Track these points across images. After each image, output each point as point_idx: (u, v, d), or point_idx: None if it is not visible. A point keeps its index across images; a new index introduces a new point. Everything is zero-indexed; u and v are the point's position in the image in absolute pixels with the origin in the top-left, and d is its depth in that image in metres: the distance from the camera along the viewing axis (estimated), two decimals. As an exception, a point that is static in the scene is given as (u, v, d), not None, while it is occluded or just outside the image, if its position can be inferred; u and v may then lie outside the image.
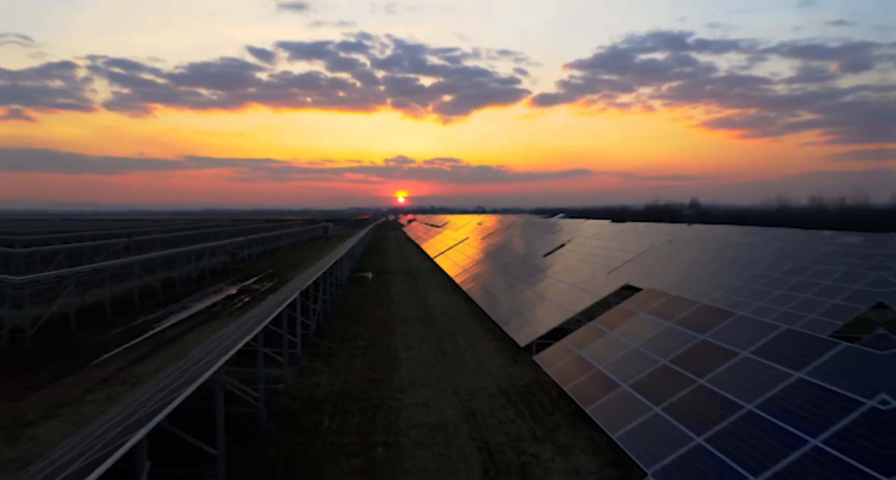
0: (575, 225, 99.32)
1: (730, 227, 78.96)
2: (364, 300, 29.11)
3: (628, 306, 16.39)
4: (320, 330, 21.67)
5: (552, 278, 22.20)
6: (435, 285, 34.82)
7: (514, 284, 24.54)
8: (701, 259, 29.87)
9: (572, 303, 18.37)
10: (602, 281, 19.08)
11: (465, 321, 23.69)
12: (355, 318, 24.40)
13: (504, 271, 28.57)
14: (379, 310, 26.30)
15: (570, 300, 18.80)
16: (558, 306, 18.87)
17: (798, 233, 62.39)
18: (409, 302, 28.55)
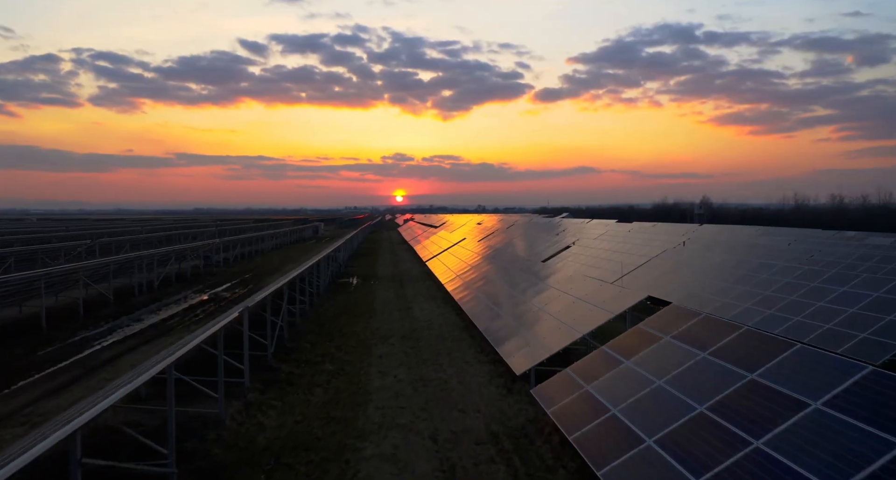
0: (580, 225, 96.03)
1: (744, 227, 75.64)
2: (343, 312, 25.95)
3: (649, 327, 13.19)
4: (283, 350, 18.52)
5: (555, 288, 19.00)
6: (424, 293, 31.65)
7: (512, 294, 21.35)
8: (723, 265, 26.63)
9: (579, 321, 15.16)
10: (612, 294, 15.86)
11: (454, 337, 20.52)
12: (328, 334, 21.24)
13: (501, 278, 25.38)
14: (358, 324, 23.14)
15: (575, 316, 15.60)
16: (562, 323, 15.67)
17: (819, 233, 59.11)
18: (393, 314, 25.38)
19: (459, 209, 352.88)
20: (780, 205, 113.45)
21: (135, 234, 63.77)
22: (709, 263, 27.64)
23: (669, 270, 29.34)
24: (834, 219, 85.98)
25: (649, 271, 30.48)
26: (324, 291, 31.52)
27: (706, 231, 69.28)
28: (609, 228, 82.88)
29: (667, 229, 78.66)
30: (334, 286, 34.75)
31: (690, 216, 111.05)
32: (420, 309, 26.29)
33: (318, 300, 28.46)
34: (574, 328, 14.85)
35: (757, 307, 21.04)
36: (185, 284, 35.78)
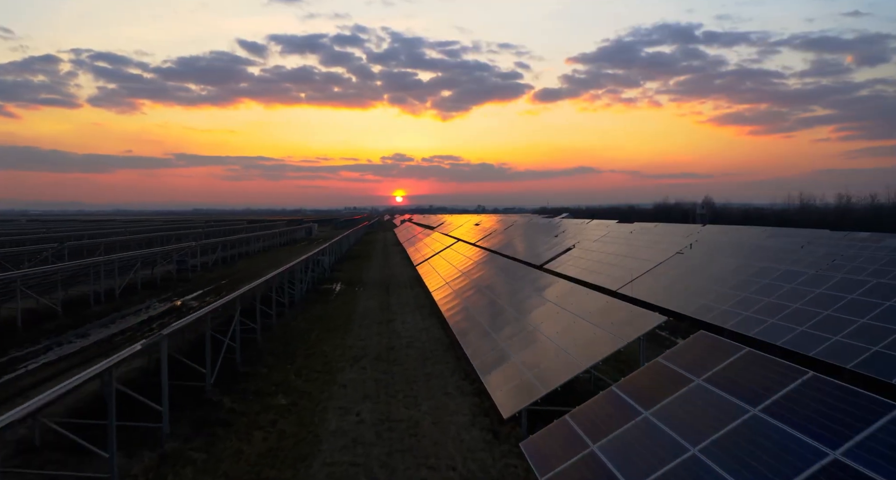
0: (580, 226, 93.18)
1: (749, 227, 72.87)
2: (317, 325, 23.09)
3: (673, 363, 10.35)
4: (232, 377, 15.67)
5: (554, 303, 16.14)
6: (411, 302, 28.80)
7: (504, 308, 18.49)
8: (740, 271, 23.76)
9: (581, 347, 12.30)
10: (623, 316, 12.97)
11: (436, 358, 17.66)
12: (292, 354, 18.39)
13: (493, 287, 22.52)
14: (329, 340, 20.28)
15: (577, 341, 12.74)
16: (560, 349, 12.81)
17: (830, 235, 56.27)
18: (371, 327, 22.52)
19: (459, 210, 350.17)
20: (785, 205, 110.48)
21: (114, 236, 60.90)
22: (722, 269, 24.77)
23: (679, 276, 26.49)
24: (840, 219, 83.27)
25: (657, 278, 27.62)
26: (300, 300, 28.67)
27: (711, 232, 66.46)
28: (610, 229, 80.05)
29: (670, 229, 75.85)
30: (314, 294, 31.90)
31: (693, 217, 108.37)
32: (403, 322, 23.43)
33: (290, 311, 25.61)
34: (575, 357, 11.98)
35: (793, 324, 18.14)
36: (151, 292, 32.91)
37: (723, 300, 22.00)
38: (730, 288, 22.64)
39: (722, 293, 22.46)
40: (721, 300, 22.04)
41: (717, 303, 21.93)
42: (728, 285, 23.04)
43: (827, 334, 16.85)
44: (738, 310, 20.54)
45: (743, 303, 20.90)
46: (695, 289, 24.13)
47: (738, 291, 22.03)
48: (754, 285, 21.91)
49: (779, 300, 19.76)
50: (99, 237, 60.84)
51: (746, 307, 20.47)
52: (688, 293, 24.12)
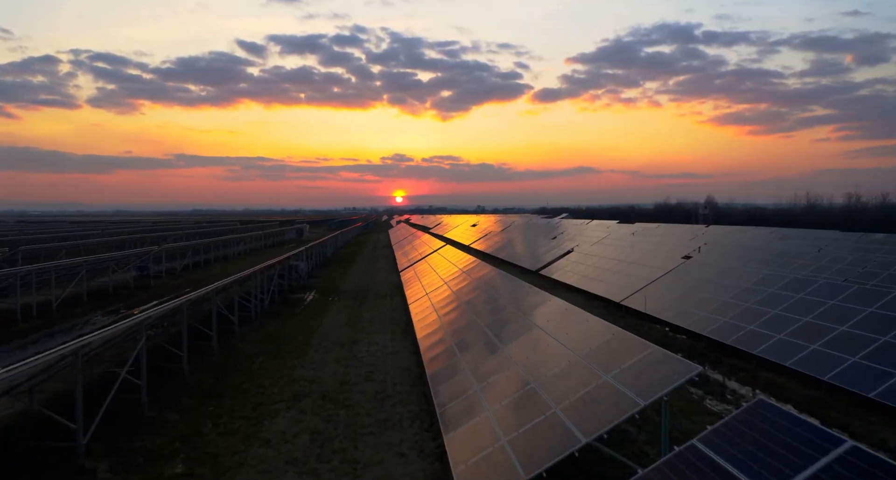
0: (579, 227, 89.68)
1: (756, 228, 69.44)
2: (266, 347, 19.56)
3: (721, 455, 6.78)
4: (130, 425, 12.15)
5: (546, 331, 12.61)
6: (386, 317, 25.27)
7: (484, 334, 14.94)
8: (765, 282, 20.20)
9: (580, 410, 8.76)
10: (639, 361, 9.42)
11: (397, 397, 14.14)
12: (220, 390, 14.86)
13: (475, 304, 18.97)
14: (273, 370, 16.75)
15: (575, 398, 9.20)
16: (548, 406, 9.28)
17: (844, 236, 52.83)
18: (330, 352, 18.99)
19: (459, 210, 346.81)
20: (790, 204, 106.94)
21: (89, 238, 57.35)
22: (741, 278, 21.20)
23: (692, 287, 22.95)
24: (847, 219, 79.86)
25: (666, 289, 24.07)
26: (258, 314, 25.14)
27: (717, 234, 63.00)
28: (611, 230, 76.55)
29: (672, 231, 72.38)
30: (280, 305, 28.36)
31: (695, 217, 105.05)
32: (369, 344, 19.89)
33: (242, 330, 22.07)
34: (571, 422, 8.45)
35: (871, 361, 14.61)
36: (100, 303, 29.39)
37: (747, 317, 18.46)
38: (755, 303, 19.09)
39: (747, 310, 18.91)
40: (746, 317, 18.50)
41: (741, 321, 18.39)
42: (752, 298, 19.50)
43: None
44: (770, 332, 17.01)
45: (775, 323, 17.35)
46: (712, 303, 20.59)
47: (767, 306, 18.48)
48: (785, 299, 18.36)
49: (823, 322, 16.21)
50: (72, 239, 57.38)
51: (779, 328, 16.93)
52: (704, 308, 20.59)
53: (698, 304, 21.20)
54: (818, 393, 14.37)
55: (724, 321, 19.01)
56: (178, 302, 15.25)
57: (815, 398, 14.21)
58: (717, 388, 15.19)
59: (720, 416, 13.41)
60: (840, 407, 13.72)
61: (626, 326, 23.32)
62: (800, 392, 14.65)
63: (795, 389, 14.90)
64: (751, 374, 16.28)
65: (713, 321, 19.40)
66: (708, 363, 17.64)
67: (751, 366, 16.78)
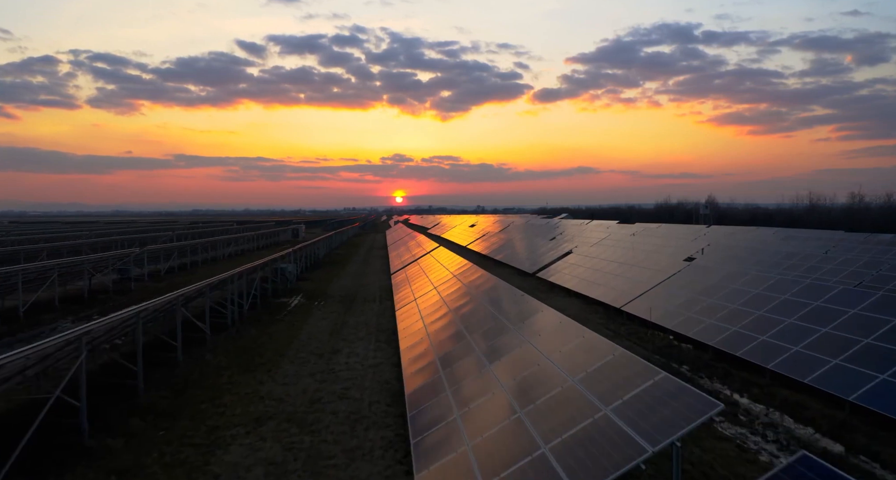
0: (579, 227, 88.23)
1: (759, 229, 67.96)
2: (238, 359, 18.06)
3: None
4: (63, 455, 10.66)
5: (538, 349, 11.13)
6: (372, 324, 23.79)
7: (470, 347, 13.44)
8: (776, 287, 18.71)
9: (575, 455, 7.25)
10: (645, 392, 7.91)
11: (372, 420, 12.66)
12: (177, 410, 13.36)
13: (463, 312, 17.48)
14: (241, 386, 15.26)
15: (568, 438, 7.70)
16: (541, 448, 7.80)
17: (850, 237, 51.36)
18: (307, 363, 17.49)
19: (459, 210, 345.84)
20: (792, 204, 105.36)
21: (78, 239, 55.85)
22: (750, 283, 19.71)
23: (698, 292, 21.45)
24: (850, 219, 78.38)
25: (670, 294, 22.58)
26: (237, 320, 23.65)
27: (719, 234, 61.50)
28: (611, 230, 75.04)
29: (674, 231, 70.84)
30: (263, 311, 26.85)
31: (696, 217, 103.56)
32: (350, 355, 18.40)
33: (214, 338, 20.59)
34: (561, 472, 6.95)
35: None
36: (73, 308, 27.90)
37: (760, 326, 16.97)
38: (768, 311, 17.60)
39: (759, 319, 17.42)
40: (758, 326, 17.01)
41: (753, 331, 16.89)
42: (764, 305, 18.01)
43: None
44: (786, 343, 15.51)
45: (790, 334, 15.86)
46: (719, 310, 19.10)
47: (780, 315, 16.99)
48: (800, 307, 16.87)
49: (844, 333, 14.72)
50: (58, 241, 55.86)
51: (795, 339, 15.43)
52: (711, 315, 19.11)
53: (705, 311, 19.71)
54: (842, 414, 12.89)
55: (733, 330, 17.52)
56: (130, 312, 13.76)
57: (840, 420, 12.73)
58: (729, 407, 13.70)
59: (733, 441, 11.93)
60: (867, 431, 12.24)
61: (628, 333, 21.91)
62: (821, 413, 13.16)
63: (816, 409, 13.41)
64: (765, 390, 14.80)
65: (721, 330, 17.91)
66: (716, 376, 16.16)
67: (764, 381, 15.30)
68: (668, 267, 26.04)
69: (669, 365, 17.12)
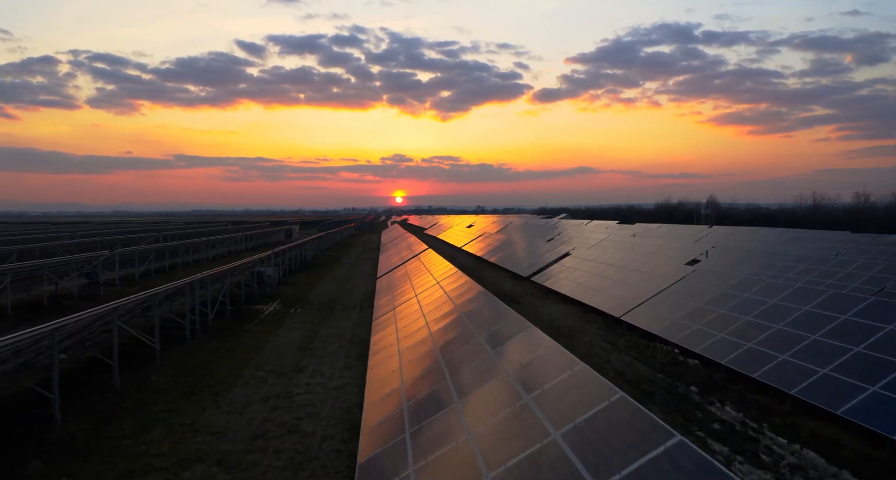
0: (578, 228, 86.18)
1: (762, 229, 65.88)
2: (187, 378, 15.94)
3: None
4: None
5: (516, 385, 8.99)
6: (346, 335, 21.71)
7: (440, 374, 11.30)
8: (796, 297, 16.58)
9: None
10: (653, 462, 5.76)
11: (319, 463, 10.54)
12: (90, 448, 11.24)
13: (438, 327, 15.34)
14: (177, 416, 13.14)
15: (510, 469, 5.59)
16: None
17: (858, 238, 49.28)
18: (263, 384, 15.38)
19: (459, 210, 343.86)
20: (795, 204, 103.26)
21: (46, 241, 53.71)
22: (765, 291, 17.56)
23: (707, 302, 19.33)
24: (855, 220, 76.34)
25: (675, 303, 20.46)
26: (198, 331, 21.54)
27: (722, 235, 59.39)
28: (610, 231, 72.93)
29: (675, 232, 68.73)
30: (233, 319, 24.75)
31: (697, 217, 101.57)
32: (312, 375, 16.27)
33: (170, 353, 18.48)
34: None
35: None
36: (31, 315, 25.78)
37: (779, 343, 14.85)
38: (787, 325, 15.47)
39: (778, 334, 15.29)
40: (777, 343, 14.89)
41: (771, 348, 14.78)
42: (782, 318, 15.88)
43: None
44: (811, 364, 13.39)
45: (816, 353, 13.72)
46: (731, 322, 16.96)
47: (802, 330, 14.88)
48: (826, 322, 14.75)
49: (880, 355, 12.60)
50: (35, 242, 53.72)
51: (823, 361, 13.30)
52: (721, 328, 16.98)
53: (715, 323, 17.59)
54: (883, 455, 10.79)
55: (748, 346, 15.41)
56: (43, 330, 11.65)
57: (882, 462, 10.63)
58: (748, 444, 11.60)
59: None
60: (917, 476, 10.16)
61: (628, 346, 19.82)
62: (859, 452, 11.06)
63: (851, 446, 11.31)
64: (788, 420, 12.69)
65: (734, 346, 15.79)
66: (729, 401, 14.06)
67: (786, 408, 13.19)
68: (672, 272, 23.93)
69: (676, 387, 15.01)
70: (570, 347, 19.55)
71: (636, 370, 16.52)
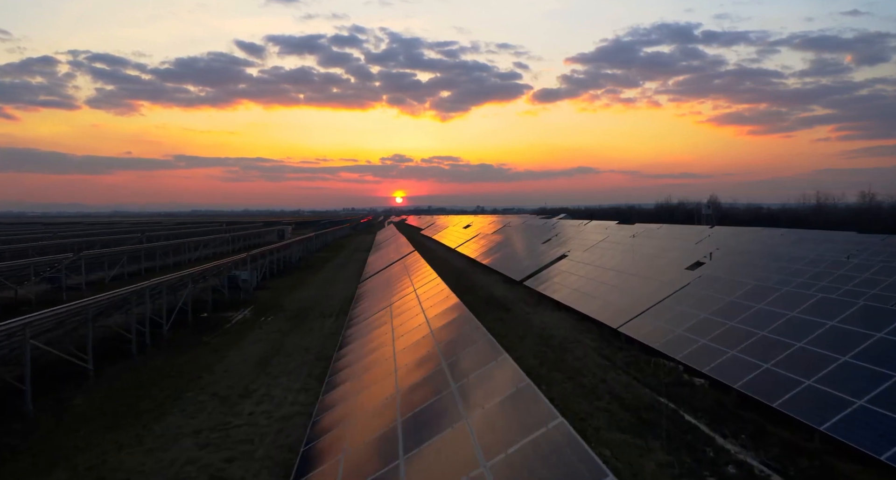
0: (576, 228, 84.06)
1: (766, 230, 63.77)
2: (119, 402, 13.82)
3: None
4: None
5: (475, 440, 6.84)
6: (315, 347, 19.60)
7: (392, 413, 9.16)
8: (823, 309, 14.45)
9: None
10: None
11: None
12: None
13: (404, 353, 13.18)
14: (87, 454, 11.01)
15: None
16: None
17: (868, 239, 47.19)
18: (200, 413, 13.23)
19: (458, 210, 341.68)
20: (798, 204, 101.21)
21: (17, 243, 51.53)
22: (781, 301, 15.42)
23: (714, 313, 17.20)
24: (859, 220, 74.28)
25: (679, 313, 18.32)
26: (153, 343, 19.41)
27: (724, 235, 57.29)
28: (609, 232, 70.79)
29: (676, 232, 66.60)
30: (193, 328, 22.62)
31: (697, 217, 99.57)
32: (260, 400, 14.11)
33: (110, 370, 16.34)
34: None
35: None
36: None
37: (803, 365, 12.72)
38: (811, 343, 13.33)
39: (801, 354, 13.14)
40: (800, 365, 12.75)
41: (793, 371, 12.64)
42: (805, 334, 13.75)
43: None
44: (843, 393, 11.25)
45: (849, 379, 11.58)
46: (743, 338, 14.81)
47: (831, 350, 12.73)
48: (858, 340, 12.59)
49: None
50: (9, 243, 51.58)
51: (858, 389, 11.15)
52: (732, 344, 14.85)
53: (725, 338, 15.46)
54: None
55: (765, 367, 13.28)
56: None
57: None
58: (771, 495, 9.48)
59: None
60: None
61: (626, 362, 17.71)
62: (910, 509, 8.94)
63: (900, 500, 9.19)
64: (816, 462, 10.57)
65: (748, 366, 13.66)
66: (745, 434, 11.94)
67: (814, 445, 11.07)
68: (674, 277, 21.82)
69: (680, 416, 12.89)
70: (560, 362, 17.45)
71: (635, 393, 14.40)
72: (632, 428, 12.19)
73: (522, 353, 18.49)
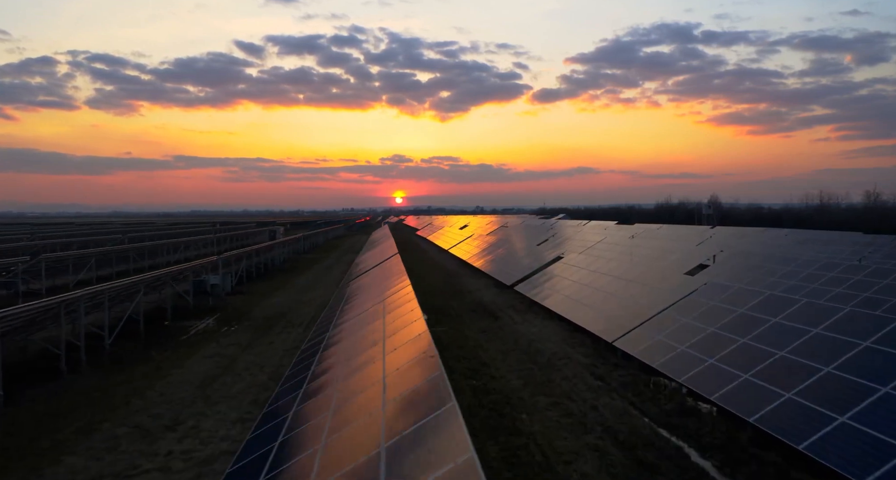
0: (575, 229, 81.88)
1: (768, 230, 61.69)
2: (15, 438, 11.64)
3: None
4: None
5: None
6: (270, 365, 17.40)
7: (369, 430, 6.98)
8: (851, 325, 12.25)
9: None
10: None
11: None
12: None
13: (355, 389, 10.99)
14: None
15: None
16: None
17: (875, 240, 45.11)
18: (108, 454, 11.02)
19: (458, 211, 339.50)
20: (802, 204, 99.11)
21: None
22: (801, 315, 13.23)
23: (724, 327, 14.99)
24: (864, 220, 72.17)
25: (682, 327, 16.11)
26: (89, 360, 17.21)
27: (726, 236, 55.11)
28: (608, 232, 68.60)
29: (676, 233, 64.44)
30: (145, 339, 20.42)
31: (698, 217, 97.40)
32: (185, 436, 11.86)
33: (28, 393, 14.15)
34: None
35: None
36: None
37: (834, 396, 10.53)
38: (840, 368, 11.12)
39: (830, 381, 10.92)
40: (831, 395, 10.55)
41: (822, 404, 10.43)
42: (835, 357, 11.54)
43: None
44: (889, 436, 9.07)
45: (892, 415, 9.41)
46: (759, 359, 12.59)
47: (867, 379, 10.53)
48: None
49: None
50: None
51: (906, 431, 8.98)
52: (744, 366, 12.64)
53: (735, 358, 13.26)
54: None
55: (786, 398, 11.09)
56: None
57: None
58: None
59: None
60: None
61: (622, 383, 15.47)
62: None
63: None
64: (859, 525, 8.39)
65: (766, 395, 11.46)
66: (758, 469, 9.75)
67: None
68: (677, 284, 19.64)
69: (685, 456, 10.70)
70: (548, 383, 15.27)
71: (632, 426, 12.20)
72: (626, 475, 10.01)
73: (505, 372, 16.30)
